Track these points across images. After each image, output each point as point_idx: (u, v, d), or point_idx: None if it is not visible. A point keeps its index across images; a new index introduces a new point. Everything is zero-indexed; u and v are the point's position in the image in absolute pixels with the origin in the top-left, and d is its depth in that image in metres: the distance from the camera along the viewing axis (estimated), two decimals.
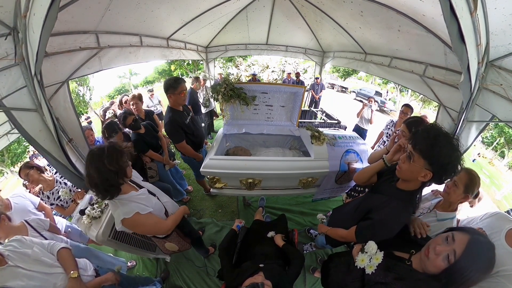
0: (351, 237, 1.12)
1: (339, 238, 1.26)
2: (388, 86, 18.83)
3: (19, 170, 1.75)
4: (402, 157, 0.96)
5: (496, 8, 1.30)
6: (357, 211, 1.18)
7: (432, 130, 0.88)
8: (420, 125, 1.44)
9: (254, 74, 6.42)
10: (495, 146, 15.04)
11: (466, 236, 0.73)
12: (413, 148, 0.90)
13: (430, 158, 0.86)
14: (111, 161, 0.98)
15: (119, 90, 19.96)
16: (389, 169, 1.20)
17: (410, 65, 2.70)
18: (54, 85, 1.74)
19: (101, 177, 0.97)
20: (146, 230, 1.18)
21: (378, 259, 0.89)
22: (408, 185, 0.99)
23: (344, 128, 3.15)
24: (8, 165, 11.66)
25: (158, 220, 1.18)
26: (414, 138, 0.91)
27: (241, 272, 1.05)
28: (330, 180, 2.05)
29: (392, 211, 0.99)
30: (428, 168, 0.87)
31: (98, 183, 0.97)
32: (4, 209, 1.51)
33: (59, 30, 1.76)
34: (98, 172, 0.96)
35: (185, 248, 1.50)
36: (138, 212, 1.07)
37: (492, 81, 1.68)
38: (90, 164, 0.98)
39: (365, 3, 2.29)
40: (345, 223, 1.23)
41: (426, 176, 0.89)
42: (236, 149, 2.38)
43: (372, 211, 1.06)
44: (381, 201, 1.05)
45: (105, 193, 1.00)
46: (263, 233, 1.46)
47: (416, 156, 0.89)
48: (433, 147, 0.84)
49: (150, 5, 2.38)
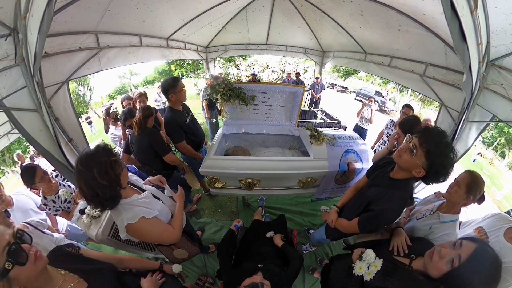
0: (353, 228, 1.15)
1: (342, 228, 1.28)
2: (388, 86, 18.80)
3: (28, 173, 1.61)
4: (405, 147, 0.97)
5: (496, 7, 1.29)
6: (358, 205, 1.21)
7: (444, 138, 0.89)
8: (414, 125, 1.47)
9: (254, 74, 6.41)
10: (495, 146, 14.99)
11: (474, 245, 0.73)
12: (419, 144, 0.90)
13: (432, 162, 0.88)
14: (101, 174, 0.83)
15: (119, 90, 20.00)
16: (381, 162, 1.25)
17: (411, 64, 2.70)
18: (54, 85, 1.75)
19: (92, 192, 0.84)
20: (153, 238, 1.06)
21: (377, 266, 0.90)
22: (402, 174, 1.04)
23: (344, 128, 3.15)
24: (9, 164, 11.71)
25: (166, 227, 1.08)
26: (424, 135, 0.91)
27: (240, 272, 1.05)
28: (330, 180, 2.05)
29: (390, 200, 1.03)
30: (424, 167, 0.90)
31: (90, 198, 0.86)
32: (5, 206, 1.52)
33: (59, 30, 1.76)
34: (88, 188, 0.83)
35: (195, 254, 1.41)
36: (143, 216, 0.96)
37: (493, 81, 1.67)
38: (79, 178, 0.84)
39: (365, 3, 2.29)
40: (347, 217, 1.26)
41: (419, 173, 0.93)
42: (235, 149, 2.38)
43: (371, 203, 1.10)
44: (379, 192, 1.09)
45: (102, 206, 0.89)
46: (262, 233, 1.46)
47: (419, 153, 0.90)
48: (440, 155, 0.86)
49: (149, 5, 2.39)
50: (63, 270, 0.74)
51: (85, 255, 0.88)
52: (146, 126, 1.84)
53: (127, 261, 1.06)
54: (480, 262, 0.70)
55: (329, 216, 1.38)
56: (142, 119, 1.80)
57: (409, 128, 1.47)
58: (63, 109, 1.81)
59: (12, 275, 0.55)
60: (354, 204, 1.25)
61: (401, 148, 0.99)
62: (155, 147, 1.85)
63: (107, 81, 34.76)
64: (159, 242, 1.14)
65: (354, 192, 1.38)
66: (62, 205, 1.78)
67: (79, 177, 0.84)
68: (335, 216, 1.35)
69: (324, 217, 1.46)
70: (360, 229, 1.12)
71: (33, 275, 0.61)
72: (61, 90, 1.80)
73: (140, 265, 1.11)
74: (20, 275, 0.57)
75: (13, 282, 0.56)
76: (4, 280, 0.54)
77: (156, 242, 1.14)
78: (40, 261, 0.62)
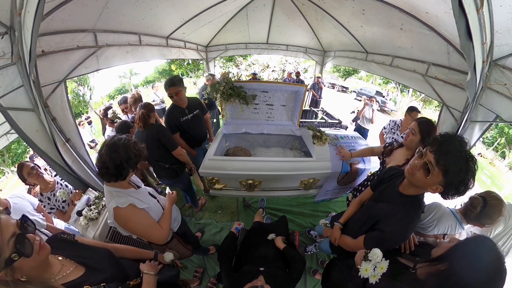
0: (359, 247, 1.04)
1: (347, 247, 1.17)
2: (389, 86, 18.76)
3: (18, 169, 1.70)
4: (418, 164, 0.85)
5: (501, 5, 1.27)
6: (363, 221, 1.11)
7: (465, 152, 0.77)
8: (433, 129, 1.36)
9: (255, 74, 6.40)
10: (495, 146, 14.98)
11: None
12: (436, 162, 0.78)
13: (452, 180, 0.77)
14: (136, 147, 1.03)
15: (119, 90, 19.93)
16: (388, 174, 1.15)
17: (413, 64, 2.68)
18: (51, 84, 1.72)
19: (125, 156, 0.98)
20: (139, 229, 1.08)
21: (383, 268, 0.83)
22: (414, 190, 0.93)
23: (345, 128, 3.12)
24: (8, 165, 11.67)
25: (153, 223, 1.10)
26: (441, 151, 0.78)
27: (241, 276, 1.03)
28: (332, 181, 2.02)
29: (402, 220, 0.93)
30: (443, 185, 0.80)
31: (112, 166, 0.97)
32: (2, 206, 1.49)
33: (56, 28, 1.74)
34: (120, 155, 0.97)
35: (186, 256, 1.42)
36: (132, 204, 1.01)
37: (496, 81, 1.65)
38: (115, 144, 0.99)
39: (367, 1, 2.27)
40: (352, 234, 1.17)
41: (436, 189, 0.82)
42: (236, 149, 2.36)
43: (380, 222, 1.00)
44: (388, 210, 0.98)
45: (115, 174, 0.99)
46: (264, 235, 1.44)
47: (436, 171, 0.79)
48: (460, 171, 0.75)
49: (149, 3, 2.36)
50: (60, 256, 0.75)
51: (81, 242, 0.88)
52: (150, 121, 1.80)
53: (122, 250, 1.06)
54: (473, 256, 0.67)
55: (332, 234, 1.28)
56: (145, 114, 1.75)
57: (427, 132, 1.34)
58: (60, 109, 1.78)
59: (16, 264, 0.56)
60: (360, 220, 1.16)
61: (413, 165, 0.87)
62: (163, 141, 1.79)
63: (107, 81, 34.68)
64: (146, 237, 1.14)
65: (358, 206, 1.29)
66: (57, 203, 1.77)
67: (115, 144, 0.99)
68: (338, 233, 1.24)
69: (326, 233, 1.38)
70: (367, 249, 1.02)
71: (36, 264, 0.62)
72: (58, 89, 1.78)
73: (135, 255, 1.10)
74: (24, 264, 0.58)
75: (16, 270, 0.56)
76: (8, 269, 0.55)
77: (142, 236, 1.14)
78: (43, 251, 0.63)
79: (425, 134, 1.33)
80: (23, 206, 1.64)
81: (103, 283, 0.74)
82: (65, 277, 0.70)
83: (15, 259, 0.55)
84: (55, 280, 0.67)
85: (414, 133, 1.38)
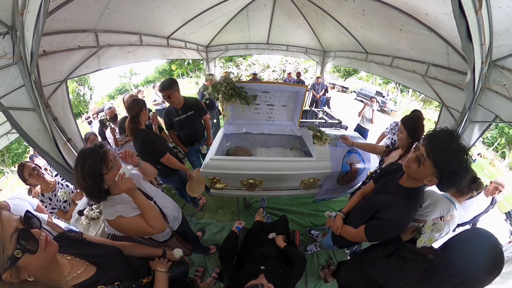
0: (360, 236, 1.11)
1: (348, 236, 1.23)
2: (389, 86, 18.77)
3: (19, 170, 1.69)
4: (412, 157, 0.93)
5: (500, 7, 1.28)
6: (364, 212, 1.17)
7: (454, 143, 0.81)
8: (418, 123, 1.44)
9: (255, 74, 6.41)
10: (496, 146, 15.00)
11: None
12: (427, 154, 0.85)
13: (443, 170, 0.82)
14: (94, 169, 0.89)
15: (119, 90, 19.92)
16: (390, 169, 1.21)
17: (412, 64, 2.68)
18: (53, 84, 1.73)
19: (92, 183, 0.89)
20: (133, 233, 1.09)
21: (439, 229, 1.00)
22: (413, 183, 0.99)
23: (345, 128, 3.13)
24: (9, 164, 11.66)
25: (145, 226, 1.06)
26: (430, 143, 0.85)
27: (242, 275, 1.03)
28: (332, 181, 2.03)
29: (400, 209, 0.99)
30: (436, 176, 0.85)
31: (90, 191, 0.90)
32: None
33: (58, 28, 1.74)
34: (90, 178, 0.89)
35: (185, 255, 1.39)
36: (120, 215, 0.98)
37: (495, 81, 1.66)
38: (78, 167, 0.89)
39: (367, 2, 2.27)
40: (353, 224, 1.22)
41: (432, 181, 0.88)
42: (236, 149, 2.36)
43: (379, 211, 1.06)
44: (388, 200, 1.05)
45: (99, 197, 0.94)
46: (264, 235, 1.45)
47: (427, 163, 0.85)
48: (450, 162, 0.80)
49: (150, 3, 2.36)
50: (69, 255, 0.71)
51: (89, 240, 0.85)
52: (138, 126, 1.71)
53: (130, 248, 1.05)
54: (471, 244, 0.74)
55: (334, 223, 1.32)
56: (130, 123, 1.66)
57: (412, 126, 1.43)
58: (61, 109, 1.79)
59: (21, 263, 0.51)
60: (361, 210, 1.21)
61: (409, 158, 0.95)
62: (149, 150, 1.71)
63: (108, 80, 34.69)
64: (144, 236, 1.16)
65: (360, 197, 1.33)
66: (58, 203, 1.78)
67: (79, 175, 0.88)
68: (341, 222, 1.29)
69: (329, 223, 1.41)
70: (368, 238, 1.08)
71: (43, 263, 0.57)
72: (59, 89, 1.78)
73: (143, 252, 1.09)
74: (30, 263, 0.53)
75: (21, 270, 0.52)
76: (12, 269, 0.50)
77: (139, 236, 1.16)
78: (51, 247, 0.59)
79: (410, 129, 1.41)
80: (22, 207, 1.64)
81: (117, 282, 0.71)
82: (77, 277, 0.66)
83: (18, 256, 0.51)
84: (66, 281, 0.63)
85: (401, 131, 1.46)
